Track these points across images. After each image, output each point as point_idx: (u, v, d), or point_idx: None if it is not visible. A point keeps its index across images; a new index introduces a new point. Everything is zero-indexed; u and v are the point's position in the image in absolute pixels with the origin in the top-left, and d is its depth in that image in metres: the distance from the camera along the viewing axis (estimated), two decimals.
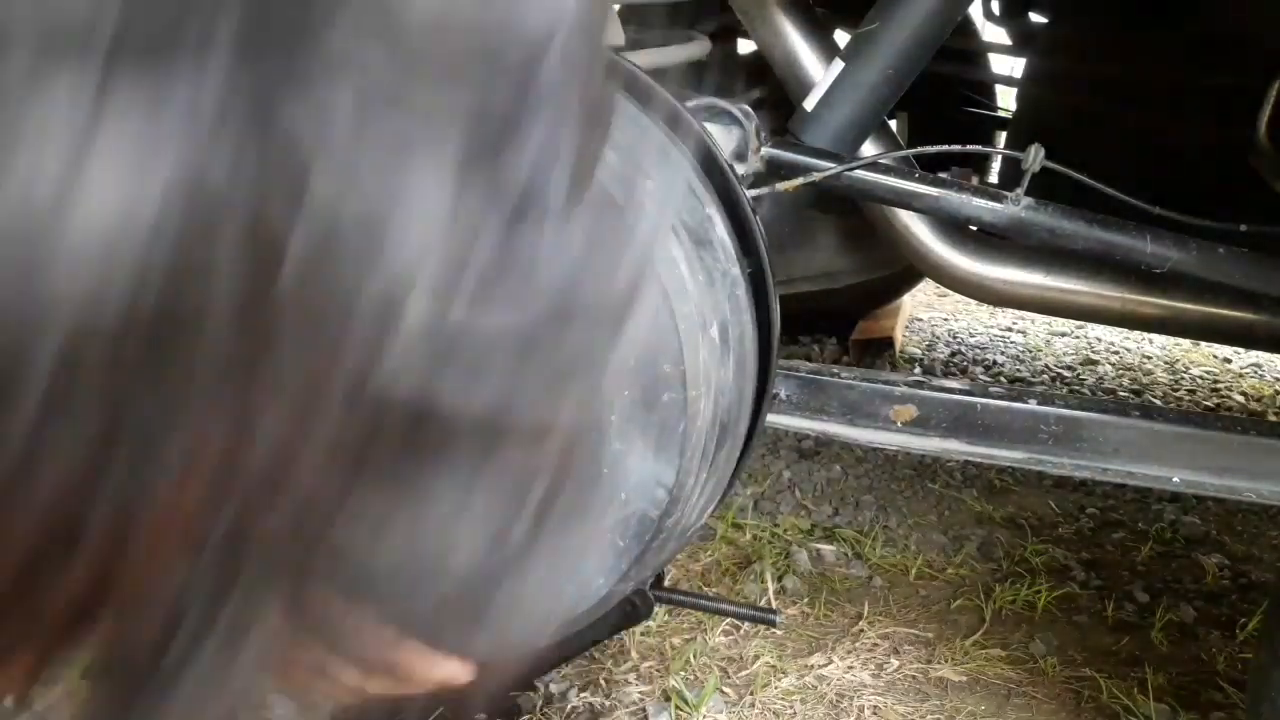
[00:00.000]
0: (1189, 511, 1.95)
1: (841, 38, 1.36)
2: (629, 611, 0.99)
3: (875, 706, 1.37)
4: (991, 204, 1.12)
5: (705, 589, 1.61)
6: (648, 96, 0.90)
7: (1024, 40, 2.04)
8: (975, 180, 1.15)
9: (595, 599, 0.81)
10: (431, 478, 0.28)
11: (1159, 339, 2.90)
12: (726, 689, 1.39)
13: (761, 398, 0.93)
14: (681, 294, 0.75)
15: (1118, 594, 1.65)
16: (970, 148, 1.11)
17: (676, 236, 0.77)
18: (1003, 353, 2.82)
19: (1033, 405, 1.09)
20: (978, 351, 2.81)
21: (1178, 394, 2.59)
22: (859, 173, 1.13)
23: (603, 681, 1.39)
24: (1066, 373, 2.70)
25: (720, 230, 0.88)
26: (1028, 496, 1.98)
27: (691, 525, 0.92)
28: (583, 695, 1.36)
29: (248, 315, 0.22)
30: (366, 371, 0.24)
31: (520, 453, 0.30)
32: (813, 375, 1.14)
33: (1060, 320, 2.98)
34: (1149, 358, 2.83)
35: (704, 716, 1.33)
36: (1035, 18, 1.97)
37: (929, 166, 1.21)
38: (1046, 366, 2.74)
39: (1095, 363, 2.77)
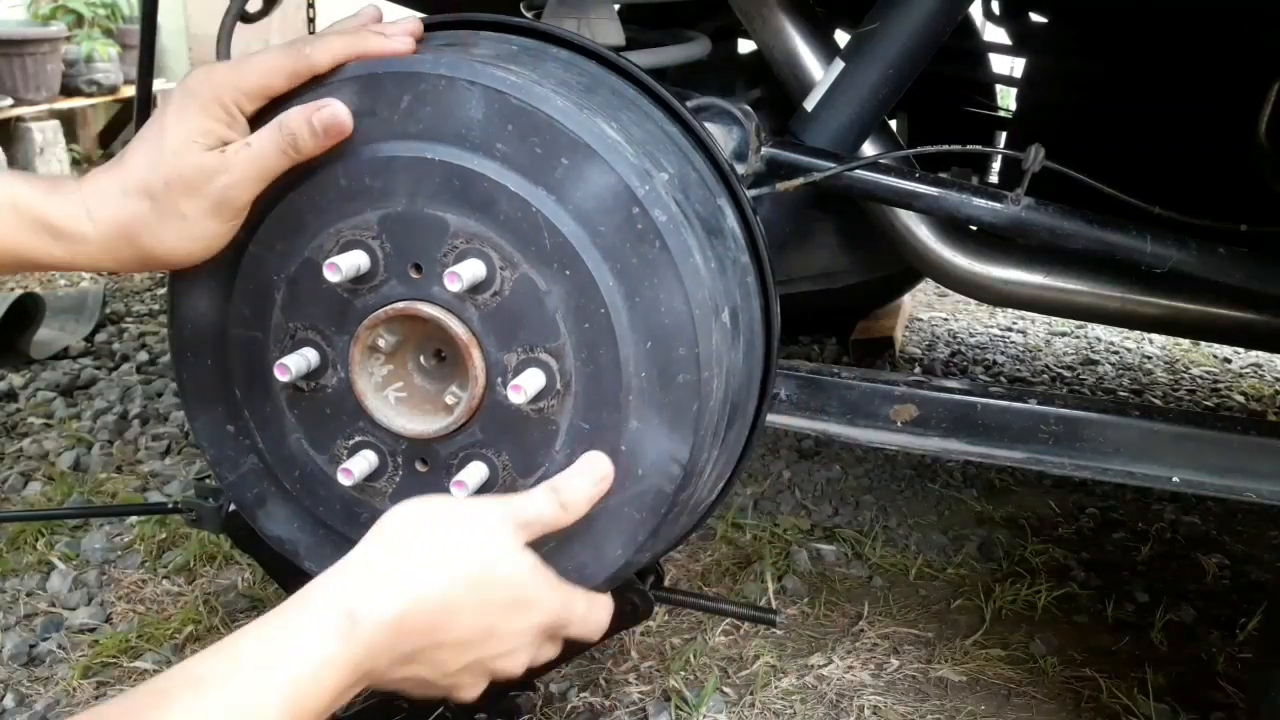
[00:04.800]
0: (1189, 511, 1.95)
1: (842, 38, 1.36)
2: (629, 611, 1.00)
3: (875, 706, 1.37)
4: (991, 204, 1.11)
5: (705, 589, 1.61)
6: (650, 95, 0.91)
7: (1024, 40, 2.04)
8: (975, 180, 1.15)
9: (614, 569, 0.83)
10: None
11: (1159, 339, 2.91)
12: (726, 689, 1.39)
13: (766, 382, 0.95)
14: (695, 281, 0.77)
15: (1118, 594, 1.65)
16: (970, 148, 1.11)
17: (691, 226, 0.79)
18: (1003, 353, 2.82)
19: (1033, 405, 1.09)
20: (978, 351, 2.81)
21: (1178, 394, 2.59)
22: (859, 173, 1.13)
23: (603, 681, 1.39)
24: (1066, 373, 2.70)
25: (731, 220, 0.90)
26: (1028, 496, 1.98)
27: (703, 500, 0.93)
28: (583, 695, 1.36)
29: None
30: None
31: None
32: (813, 375, 1.14)
33: (1060, 320, 2.98)
34: (1149, 358, 2.83)
35: (704, 716, 1.33)
36: (1035, 18, 1.97)
37: (929, 166, 1.21)
38: (1046, 366, 2.74)
39: (1095, 363, 2.77)
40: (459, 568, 0.68)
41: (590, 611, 0.80)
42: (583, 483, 0.78)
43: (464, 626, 0.69)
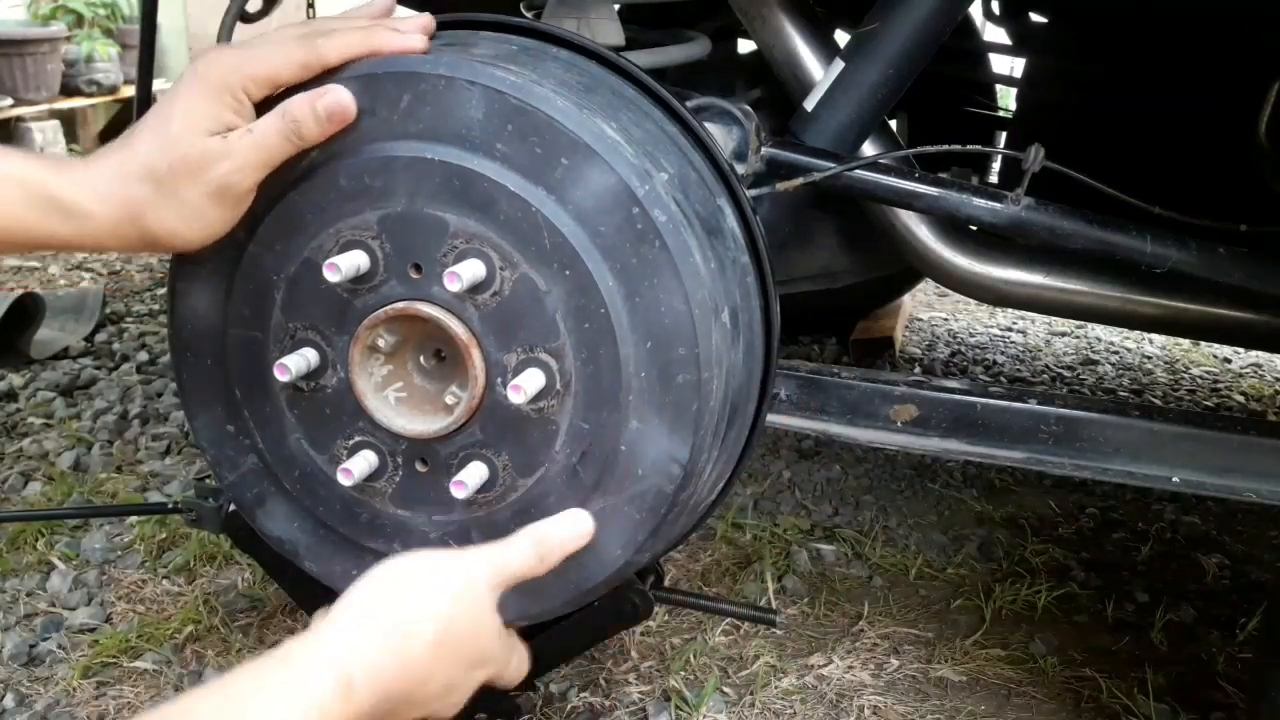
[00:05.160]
0: (1189, 511, 1.95)
1: (842, 38, 1.36)
2: (629, 611, 1.00)
3: (875, 706, 1.37)
4: (991, 204, 1.12)
5: (705, 589, 1.61)
6: (650, 95, 0.91)
7: (1024, 40, 2.04)
8: (975, 180, 1.15)
9: (613, 569, 0.83)
10: None
11: (1159, 339, 2.90)
12: (726, 689, 1.39)
13: (766, 382, 0.96)
14: (695, 281, 0.77)
15: (1118, 594, 1.65)
16: (970, 148, 1.11)
17: (690, 226, 0.79)
18: (1003, 353, 2.82)
19: (1033, 405, 1.10)
20: (978, 351, 2.81)
21: (1178, 394, 2.59)
22: (859, 173, 1.13)
23: (603, 681, 1.39)
24: (1066, 373, 2.70)
25: (731, 221, 0.90)
26: (1028, 496, 1.98)
27: (703, 500, 0.94)
28: (583, 695, 1.36)
29: None
30: None
31: None
32: (813, 375, 1.14)
33: (1060, 320, 2.98)
34: (1149, 358, 2.83)
35: (704, 716, 1.33)
36: (1035, 18, 1.97)
37: (929, 167, 1.21)
38: (1046, 366, 2.74)
39: (1095, 363, 2.77)
40: (445, 636, 0.71)
41: (520, 665, 0.84)
42: (564, 536, 0.80)
43: (435, 685, 0.71)
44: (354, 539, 0.90)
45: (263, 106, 0.78)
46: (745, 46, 1.73)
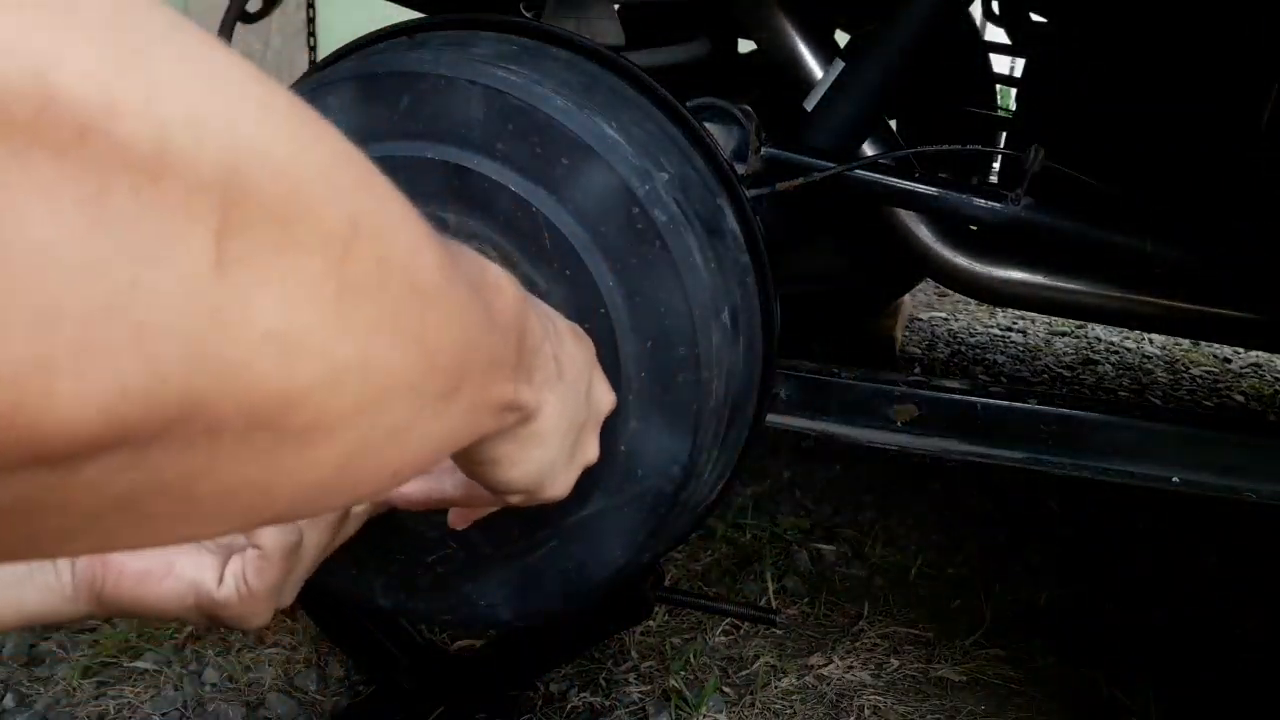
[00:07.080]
0: (1188, 511, 1.95)
1: (842, 38, 1.36)
2: (629, 611, 1.00)
3: (875, 706, 1.37)
4: (991, 204, 1.12)
5: (705, 589, 1.61)
6: (650, 94, 0.91)
7: (1024, 40, 2.04)
8: (975, 180, 1.15)
9: (613, 570, 0.83)
10: None
11: (1159, 339, 2.91)
12: (726, 689, 1.39)
13: (766, 382, 0.96)
14: (695, 281, 0.78)
15: (1117, 594, 1.65)
16: (970, 148, 1.11)
17: (691, 226, 0.79)
18: (1003, 353, 2.82)
19: (1033, 405, 1.10)
20: (978, 351, 2.81)
21: (1178, 394, 2.59)
22: (859, 173, 1.13)
23: (603, 681, 1.39)
24: (1066, 373, 2.70)
25: (731, 220, 0.90)
26: (1028, 496, 1.98)
27: (703, 500, 0.94)
28: (583, 695, 1.36)
29: None
30: None
31: None
32: (813, 375, 1.14)
33: (1060, 320, 2.99)
34: (1149, 358, 2.83)
35: (704, 716, 1.33)
36: (1035, 18, 1.97)
37: (929, 166, 1.21)
38: (1046, 366, 2.74)
39: (1095, 363, 2.77)
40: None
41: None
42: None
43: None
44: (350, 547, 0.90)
45: None
46: (745, 46, 1.73)
